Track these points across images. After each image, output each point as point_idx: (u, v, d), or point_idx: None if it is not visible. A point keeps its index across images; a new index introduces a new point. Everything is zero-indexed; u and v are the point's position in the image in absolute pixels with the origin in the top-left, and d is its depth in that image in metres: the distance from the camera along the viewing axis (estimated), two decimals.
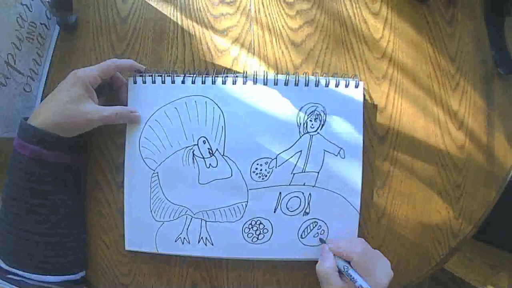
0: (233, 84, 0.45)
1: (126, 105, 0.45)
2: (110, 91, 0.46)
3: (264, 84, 0.45)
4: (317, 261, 0.42)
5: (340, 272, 0.41)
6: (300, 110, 0.45)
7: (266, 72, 0.45)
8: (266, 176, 0.44)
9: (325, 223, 0.45)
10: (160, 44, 0.48)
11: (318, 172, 0.44)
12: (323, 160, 0.44)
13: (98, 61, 0.48)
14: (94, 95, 0.41)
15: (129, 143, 0.45)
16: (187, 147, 0.44)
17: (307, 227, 0.45)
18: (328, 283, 0.39)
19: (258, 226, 0.45)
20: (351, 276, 0.39)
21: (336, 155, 0.44)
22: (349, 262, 0.40)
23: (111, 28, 0.49)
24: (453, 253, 0.47)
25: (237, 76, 0.45)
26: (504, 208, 0.50)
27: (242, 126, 0.44)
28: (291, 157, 0.44)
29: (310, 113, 0.45)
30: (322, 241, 0.44)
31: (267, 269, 0.46)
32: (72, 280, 0.43)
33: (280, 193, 0.45)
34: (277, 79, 0.45)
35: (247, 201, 0.44)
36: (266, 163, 0.44)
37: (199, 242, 0.45)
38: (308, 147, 0.44)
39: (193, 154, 0.44)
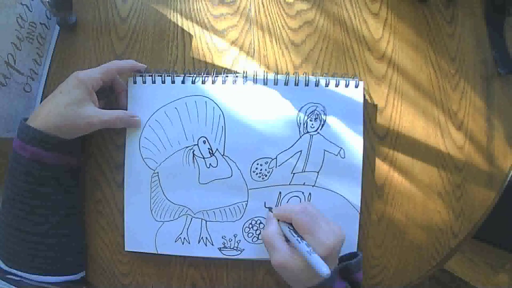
0: (233, 84, 0.45)
1: (126, 110, 0.45)
2: (111, 93, 0.46)
3: (264, 84, 0.45)
4: None
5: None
6: (300, 110, 0.45)
7: (266, 72, 0.45)
8: (266, 176, 0.44)
9: None
10: (160, 44, 0.48)
11: (318, 172, 0.44)
12: (323, 160, 0.44)
13: (98, 61, 0.48)
14: (95, 97, 0.41)
15: (129, 143, 0.45)
16: (187, 147, 0.44)
17: None
18: (272, 247, 0.38)
19: (258, 225, 0.45)
20: (288, 236, 0.37)
21: (336, 155, 0.44)
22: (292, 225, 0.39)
23: (111, 28, 0.49)
24: (453, 253, 0.47)
25: (237, 76, 0.45)
26: (504, 208, 0.50)
27: (242, 126, 0.44)
28: (291, 157, 0.44)
29: (310, 113, 0.45)
30: (269, 209, 0.44)
31: (267, 269, 0.46)
32: (72, 280, 0.43)
33: (280, 192, 0.45)
34: (277, 79, 0.45)
35: (247, 201, 0.44)
36: (266, 163, 0.44)
37: (199, 242, 0.45)
38: (308, 147, 0.44)
39: (193, 154, 0.44)
